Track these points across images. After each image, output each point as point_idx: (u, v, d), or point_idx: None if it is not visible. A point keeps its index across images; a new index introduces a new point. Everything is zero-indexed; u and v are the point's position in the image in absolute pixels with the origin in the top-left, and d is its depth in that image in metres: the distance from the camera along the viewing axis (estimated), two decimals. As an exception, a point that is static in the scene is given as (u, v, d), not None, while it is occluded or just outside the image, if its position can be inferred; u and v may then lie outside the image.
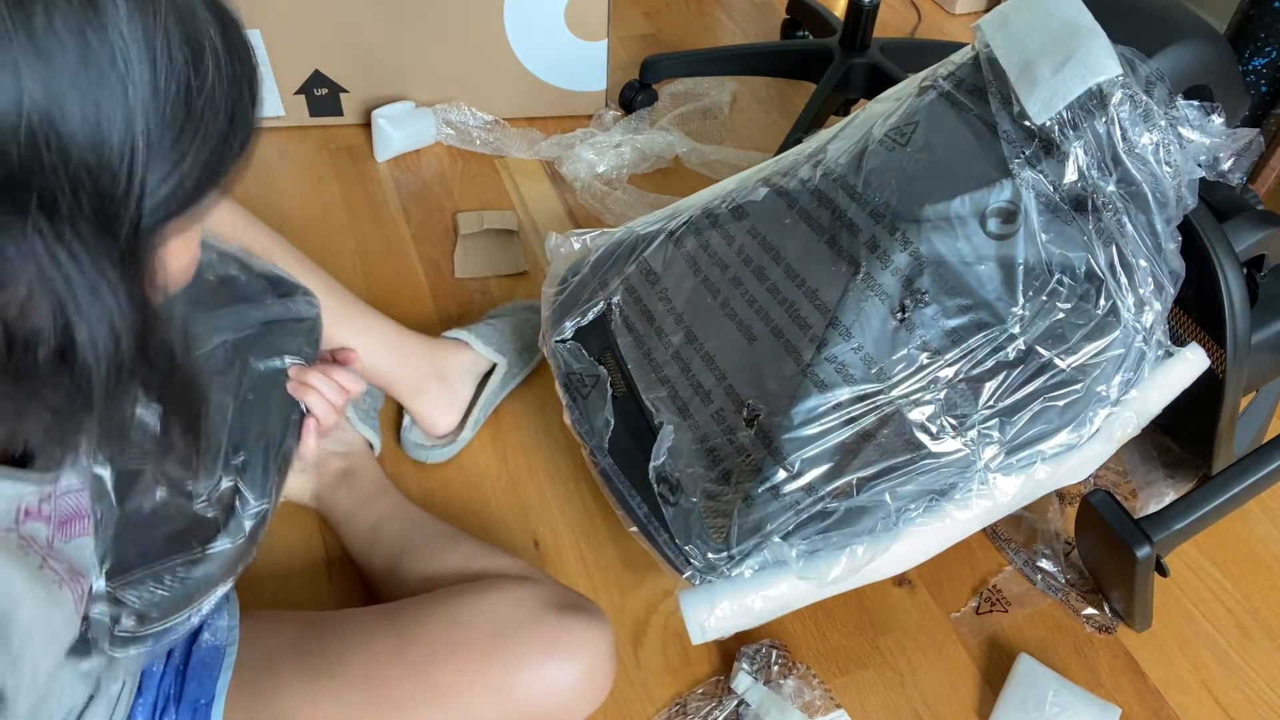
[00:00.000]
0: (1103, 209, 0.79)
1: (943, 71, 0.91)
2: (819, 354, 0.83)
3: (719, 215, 0.99)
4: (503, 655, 0.75)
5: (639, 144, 1.61)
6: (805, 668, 0.99)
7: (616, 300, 1.01)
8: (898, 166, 0.87)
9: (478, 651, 0.75)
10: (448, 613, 0.78)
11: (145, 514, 0.67)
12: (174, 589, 0.66)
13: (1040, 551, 1.09)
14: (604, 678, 0.79)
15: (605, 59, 1.64)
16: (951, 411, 0.80)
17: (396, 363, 1.08)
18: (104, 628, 0.63)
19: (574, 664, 0.76)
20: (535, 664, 0.75)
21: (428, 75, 1.62)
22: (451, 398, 1.13)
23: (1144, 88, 0.80)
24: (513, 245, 1.46)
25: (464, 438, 1.15)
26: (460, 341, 1.16)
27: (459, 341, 1.16)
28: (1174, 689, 1.00)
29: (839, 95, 1.62)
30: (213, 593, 0.67)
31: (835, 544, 0.80)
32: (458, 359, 1.14)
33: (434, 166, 1.61)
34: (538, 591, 0.80)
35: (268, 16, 1.50)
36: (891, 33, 1.98)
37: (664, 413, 0.91)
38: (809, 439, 0.81)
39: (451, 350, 1.14)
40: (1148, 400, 0.82)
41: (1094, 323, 0.79)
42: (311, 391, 0.75)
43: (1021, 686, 0.95)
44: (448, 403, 1.13)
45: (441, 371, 1.12)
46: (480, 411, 1.16)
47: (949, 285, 0.82)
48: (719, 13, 2.05)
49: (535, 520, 1.11)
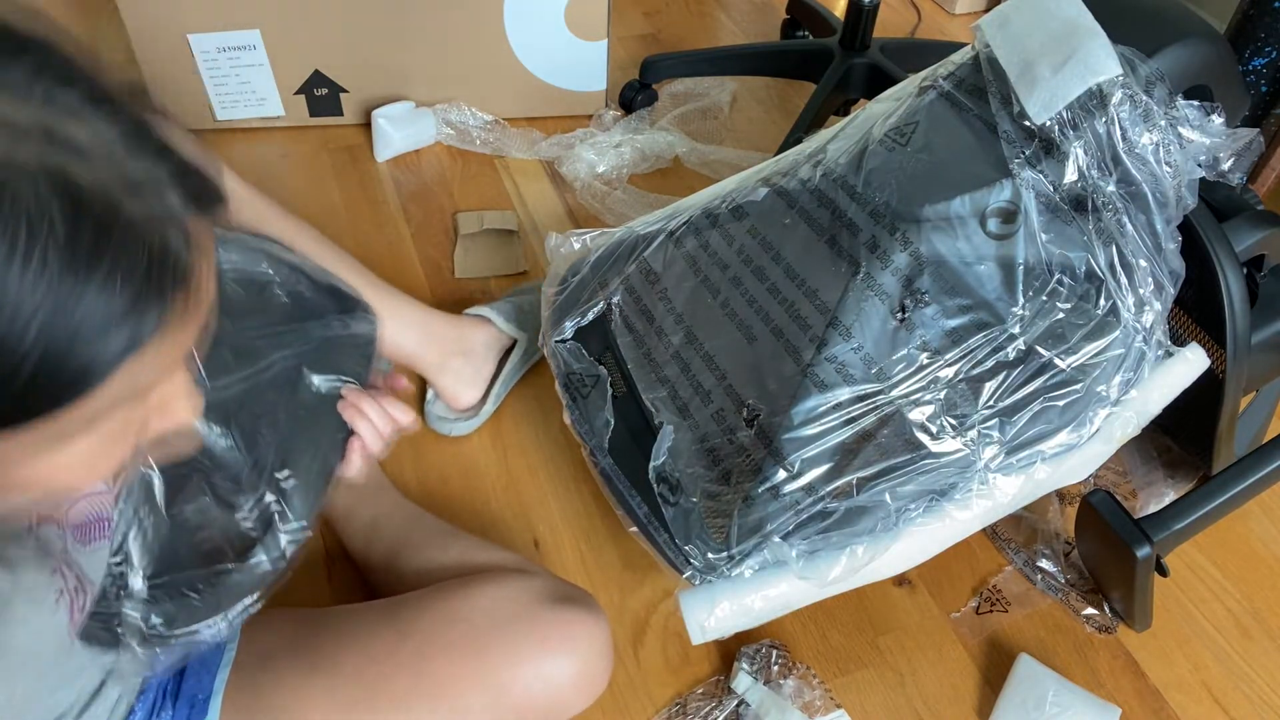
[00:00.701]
0: (1103, 209, 0.79)
1: (943, 71, 0.91)
2: (819, 354, 0.83)
3: (719, 215, 0.99)
4: (498, 649, 0.75)
5: (639, 144, 1.61)
6: (805, 668, 0.99)
7: (616, 300, 1.01)
8: (898, 166, 0.87)
9: (472, 646, 0.75)
10: (443, 607, 0.78)
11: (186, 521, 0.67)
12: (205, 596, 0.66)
13: (1040, 551, 1.09)
14: (601, 672, 0.78)
15: (605, 59, 1.64)
16: (951, 411, 0.80)
17: (422, 340, 1.12)
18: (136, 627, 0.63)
19: (570, 658, 0.76)
20: (530, 658, 0.75)
21: (428, 75, 1.62)
22: (475, 372, 1.17)
23: (1144, 88, 0.80)
24: (513, 245, 1.46)
25: (486, 410, 1.19)
26: (483, 318, 1.20)
27: (482, 318, 1.20)
28: (1174, 689, 1.00)
29: (839, 95, 1.62)
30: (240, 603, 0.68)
31: (835, 544, 0.80)
32: (480, 335, 1.17)
33: (434, 166, 1.61)
34: (533, 584, 0.80)
35: (268, 16, 1.50)
36: (891, 33, 1.97)
37: (664, 413, 0.91)
38: (809, 439, 0.81)
39: (475, 326, 1.18)
40: (1148, 400, 0.82)
41: (1094, 323, 0.79)
42: (362, 418, 0.74)
43: (1021, 686, 0.95)
44: (471, 377, 1.16)
45: (465, 347, 1.15)
46: (502, 385, 1.20)
47: (949, 285, 0.82)
48: (719, 13, 2.05)
49: (535, 520, 1.11)
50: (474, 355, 1.17)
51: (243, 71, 1.56)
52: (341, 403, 0.73)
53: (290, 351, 0.72)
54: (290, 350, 0.72)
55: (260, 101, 1.61)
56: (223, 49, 1.52)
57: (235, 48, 1.52)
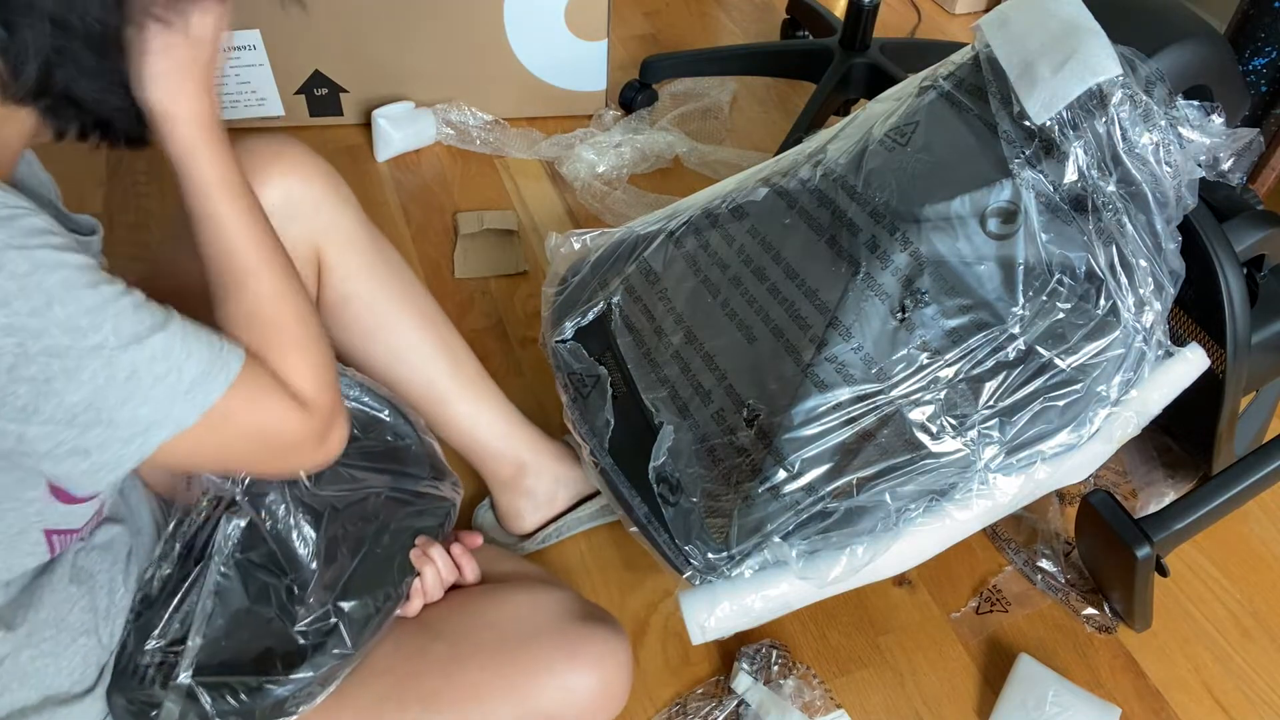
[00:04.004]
0: (1103, 209, 0.79)
1: (943, 71, 0.91)
2: (819, 354, 0.83)
3: (719, 215, 0.99)
4: (528, 657, 0.75)
5: (639, 144, 1.61)
6: (805, 668, 0.99)
7: (616, 300, 1.01)
8: (898, 166, 0.87)
9: (502, 652, 0.76)
10: (475, 611, 0.79)
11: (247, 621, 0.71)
12: (244, 704, 0.69)
13: (1040, 551, 1.09)
14: (622, 689, 0.79)
15: (605, 59, 1.64)
16: (951, 411, 0.80)
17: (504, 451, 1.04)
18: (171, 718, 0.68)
19: (595, 673, 0.76)
20: (558, 669, 0.75)
21: (428, 75, 1.62)
22: (543, 502, 1.07)
23: (1144, 88, 0.80)
24: (513, 245, 1.47)
25: (531, 546, 1.08)
26: (573, 450, 1.08)
27: (573, 450, 1.09)
28: (1174, 689, 1.00)
29: (839, 95, 1.62)
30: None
31: (835, 544, 0.80)
32: (566, 469, 1.07)
33: (434, 166, 1.61)
34: (563, 599, 0.80)
35: (268, 16, 1.50)
36: (891, 33, 1.98)
37: (664, 413, 0.91)
38: (809, 439, 0.81)
39: (564, 456, 1.08)
40: (1148, 400, 0.82)
41: (1094, 323, 0.79)
42: (430, 565, 0.77)
43: (1021, 686, 0.95)
44: (534, 504, 1.07)
45: (541, 470, 1.06)
46: (559, 529, 1.09)
47: (949, 285, 0.82)
48: (719, 13, 2.05)
49: (535, 520, 1.11)
50: (549, 485, 1.07)
51: (242, 71, 1.56)
52: (415, 550, 0.77)
53: (384, 489, 0.77)
54: (384, 489, 0.77)
55: (260, 101, 1.61)
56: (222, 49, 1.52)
57: (235, 48, 1.52)
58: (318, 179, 0.88)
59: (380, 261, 0.95)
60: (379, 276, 0.95)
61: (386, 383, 0.99)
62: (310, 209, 0.88)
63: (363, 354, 0.97)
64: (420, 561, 0.77)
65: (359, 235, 0.93)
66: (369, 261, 0.94)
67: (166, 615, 0.71)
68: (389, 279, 0.96)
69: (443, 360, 0.99)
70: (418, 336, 0.98)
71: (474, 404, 1.02)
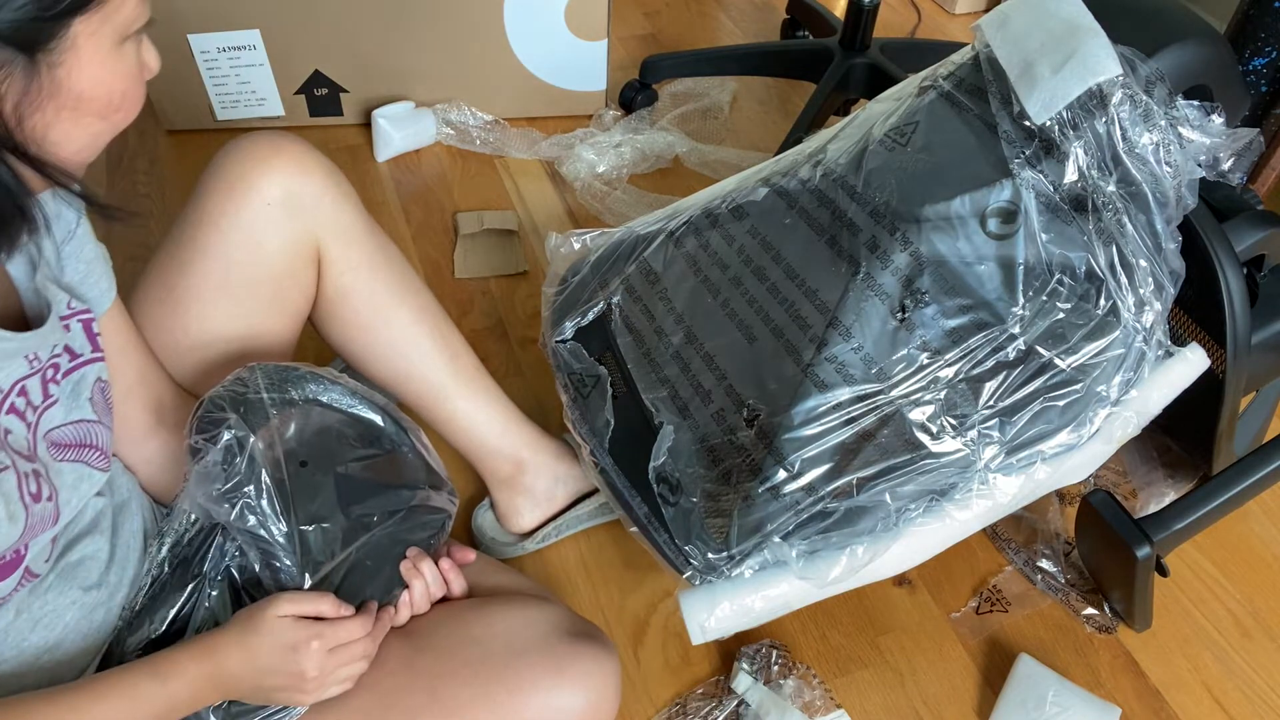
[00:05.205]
0: (1103, 209, 0.79)
1: (943, 71, 0.91)
2: (819, 354, 0.83)
3: (719, 215, 0.99)
4: (513, 675, 0.74)
5: (639, 144, 1.61)
6: (805, 668, 0.99)
7: (616, 300, 1.01)
8: (898, 166, 0.87)
9: (487, 669, 0.74)
10: (461, 626, 0.78)
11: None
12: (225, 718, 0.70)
13: (1040, 551, 1.09)
14: (610, 708, 0.78)
15: (605, 59, 1.64)
16: (951, 411, 0.80)
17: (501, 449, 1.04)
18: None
19: (582, 692, 0.75)
20: (544, 688, 0.74)
21: (428, 75, 1.62)
22: (541, 500, 1.08)
23: (1144, 88, 0.80)
24: (513, 245, 1.47)
25: (530, 546, 1.09)
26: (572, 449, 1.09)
27: (571, 449, 1.09)
28: (1174, 689, 1.00)
29: (839, 95, 1.62)
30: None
31: (835, 544, 0.80)
32: (564, 467, 1.08)
33: (434, 166, 1.61)
34: (552, 615, 0.79)
35: (268, 16, 1.50)
36: (891, 33, 1.98)
37: (664, 413, 0.91)
38: (809, 439, 0.81)
39: (564, 455, 1.08)
40: (1148, 400, 0.82)
41: (1094, 323, 0.79)
42: (419, 579, 0.77)
43: (1021, 686, 0.95)
44: (533, 503, 1.07)
45: (540, 468, 1.06)
46: (558, 528, 1.09)
47: (949, 285, 0.82)
48: (719, 13, 2.05)
49: (535, 520, 1.11)
50: (548, 483, 1.07)
51: (243, 71, 1.56)
52: (405, 562, 0.77)
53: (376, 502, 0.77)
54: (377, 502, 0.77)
55: (260, 102, 1.61)
56: (223, 49, 1.52)
57: (235, 48, 1.52)
58: (318, 174, 0.88)
59: (380, 256, 0.95)
60: (379, 271, 0.95)
61: (385, 377, 0.98)
62: (310, 204, 0.88)
63: (361, 348, 0.97)
64: (410, 575, 0.77)
65: (359, 230, 0.93)
66: (369, 256, 0.94)
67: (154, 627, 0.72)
68: (389, 274, 0.96)
69: (441, 355, 0.99)
70: (416, 331, 0.98)
71: (472, 400, 1.02)
